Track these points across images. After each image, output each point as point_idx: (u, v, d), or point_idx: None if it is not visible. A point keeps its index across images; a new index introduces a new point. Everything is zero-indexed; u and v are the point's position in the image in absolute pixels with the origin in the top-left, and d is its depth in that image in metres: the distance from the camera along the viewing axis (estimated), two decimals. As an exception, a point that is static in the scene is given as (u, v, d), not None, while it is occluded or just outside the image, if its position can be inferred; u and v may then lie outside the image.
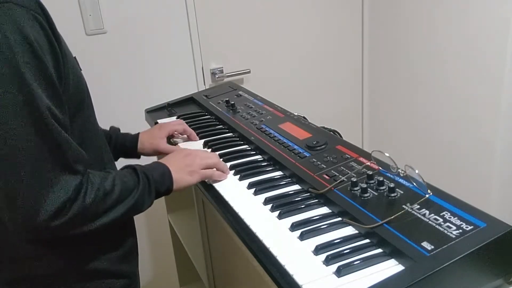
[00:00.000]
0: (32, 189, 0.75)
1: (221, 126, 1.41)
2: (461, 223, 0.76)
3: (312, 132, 1.20)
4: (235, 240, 0.92)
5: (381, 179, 0.90)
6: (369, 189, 0.90)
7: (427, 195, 0.84)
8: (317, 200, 0.94)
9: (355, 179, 0.92)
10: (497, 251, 0.72)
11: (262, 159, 1.17)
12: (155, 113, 1.59)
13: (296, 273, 0.74)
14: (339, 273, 0.73)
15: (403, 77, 2.19)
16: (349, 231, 0.84)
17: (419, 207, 0.82)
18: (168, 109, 1.60)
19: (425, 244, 0.73)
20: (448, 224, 0.76)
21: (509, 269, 0.75)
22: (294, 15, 2.17)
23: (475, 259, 0.71)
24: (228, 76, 2.08)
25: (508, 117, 1.75)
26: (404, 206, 0.83)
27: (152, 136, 1.26)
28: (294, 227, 0.86)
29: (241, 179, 1.08)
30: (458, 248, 0.71)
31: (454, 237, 0.73)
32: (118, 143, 1.24)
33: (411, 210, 0.82)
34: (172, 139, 1.33)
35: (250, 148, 1.24)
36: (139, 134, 1.28)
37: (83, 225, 0.82)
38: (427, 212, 0.80)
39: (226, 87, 1.70)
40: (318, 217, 0.89)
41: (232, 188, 1.05)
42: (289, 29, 2.18)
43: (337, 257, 0.76)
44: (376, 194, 0.89)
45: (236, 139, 1.30)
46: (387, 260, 0.75)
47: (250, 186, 1.04)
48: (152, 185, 0.94)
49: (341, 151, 1.07)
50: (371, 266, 0.74)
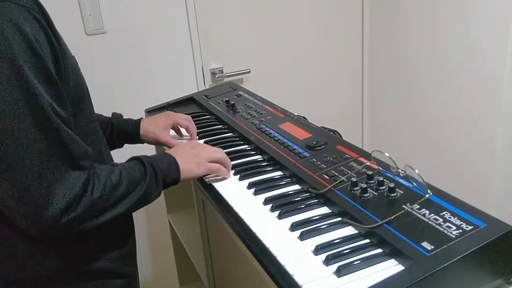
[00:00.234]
0: (40, 187, 0.75)
1: (221, 126, 1.41)
2: (461, 223, 0.76)
3: (312, 132, 1.20)
4: (235, 240, 0.92)
5: (381, 179, 0.90)
6: (369, 189, 0.90)
7: (427, 195, 0.84)
8: (317, 200, 0.94)
9: (355, 179, 0.92)
10: (497, 251, 0.72)
11: (262, 159, 1.17)
12: (155, 113, 1.58)
13: (296, 273, 0.74)
14: (339, 273, 0.73)
15: (403, 77, 2.19)
16: (349, 231, 0.84)
17: (419, 207, 0.82)
18: (168, 109, 1.60)
19: (425, 244, 0.73)
20: (448, 224, 0.76)
21: (509, 269, 0.75)
22: (294, 15, 2.17)
23: (475, 259, 0.71)
24: (228, 76, 2.08)
25: (508, 117, 1.75)
26: (404, 206, 0.83)
27: (157, 124, 1.26)
28: (294, 227, 0.86)
29: (241, 179, 1.08)
30: (458, 248, 0.71)
31: (454, 237, 0.73)
32: (120, 130, 1.24)
33: (411, 210, 0.82)
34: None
35: (250, 148, 1.24)
36: (141, 119, 1.27)
37: (93, 219, 0.82)
38: (427, 212, 0.80)
39: (226, 87, 1.70)
40: (318, 217, 0.89)
41: (232, 188, 1.05)
42: (289, 29, 2.18)
43: (337, 257, 0.76)
44: (376, 194, 0.89)
45: (236, 139, 1.30)
46: (387, 260, 0.75)
47: (250, 186, 1.04)
48: (159, 175, 0.94)
49: (341, 151, 1.07)
50: (371, 266, 0.74)
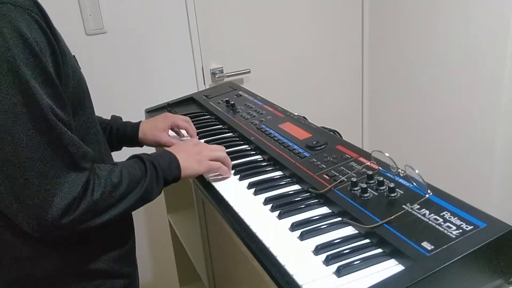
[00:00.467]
0: (40, 189, 0.75)
1: (221, 126, 1.41)
2: (461, 223, 0.76)
3: (312, 132, 1.20)
4: (235, 240, 0.92)
5: (381, 179, 0.90)
6: (369, 189, 0.90)
7: (427, 195, 0.84)
8: (317, 200, 0.94)
9: (355, 179, 0.92)
10: (497, 251, 0.72)
11: (262, 159, 1.17)
12: (155, 113, 1.59)
13: (296, 273, 0.74)
14: (339, 273, 0.73)
15: (403, 77, 2.19)
16: (349, 231, 0.84)
17: (419, 207, 0.82)
18: (168, 109, 1.60)
19: (425, 244, 0.73)
20: (448, 224, 0.76)
21: (509, 269, 0.75)
22: (294, 15, 2.17)
23: (475, 259, 0.70)
24: (228, 76, 2.08)
25: (508, 117, 1.75)
26: (404, 206, 0.83)
27: (155, 125, 1.26)
28: (294, 227, 0.86)
29: (241, 179, 1.08)
30: (458, 248, 0.71)
31: (454, 237, 0.73)
32: (118, 132, 1.24)
33: (411, 210, 0.82)
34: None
35: (250, 148, 1.24)
36: (140, 122, 1.27)
37: (94, 219, 0.82)
38: (427, 212, 0.80)
39: (226, 87, 1.70)
40: (318, 217, 0.89)
41: (232, 188, 1.05)
42: (289, 29, 2.18)
43: (337, 257, 0.76)
44: (376, 194, 0.89)
45: (236, 139, 1.30)
46: (387, 260, 0.75)
47: (250, 186, 1.04)
48: (159, 173, 0.94)
49: (341, 151, 1.07)
50: (371, 266, 0.74)
